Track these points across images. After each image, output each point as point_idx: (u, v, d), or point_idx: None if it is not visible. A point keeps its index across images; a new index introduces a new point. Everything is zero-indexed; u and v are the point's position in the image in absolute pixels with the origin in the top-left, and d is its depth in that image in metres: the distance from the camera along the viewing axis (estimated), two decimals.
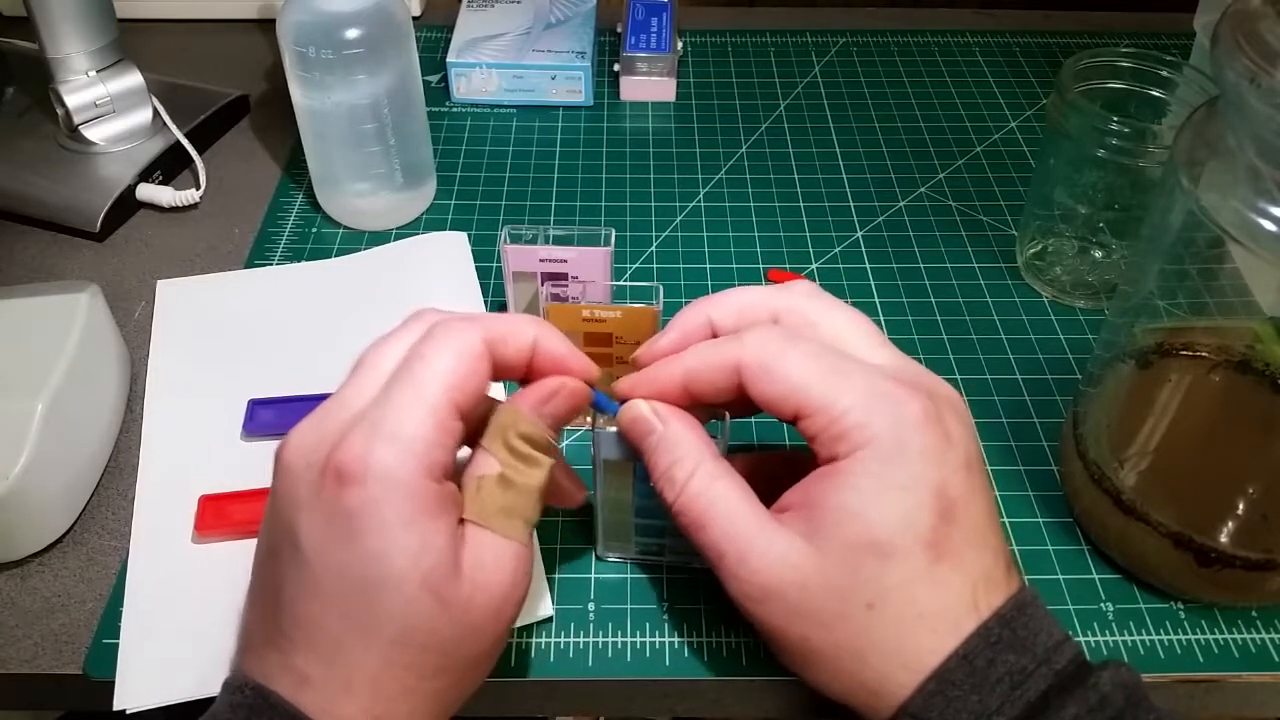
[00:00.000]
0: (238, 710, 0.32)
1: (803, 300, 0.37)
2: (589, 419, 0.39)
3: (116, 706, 0.40)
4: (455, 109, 0.74)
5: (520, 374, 0.37)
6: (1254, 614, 0.44)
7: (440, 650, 0.32)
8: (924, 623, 0.32)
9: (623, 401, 0.38)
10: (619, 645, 0.43)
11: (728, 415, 0.38)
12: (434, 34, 0.81)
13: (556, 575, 0.45)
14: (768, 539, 0.33)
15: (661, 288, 0.45)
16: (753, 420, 0.51)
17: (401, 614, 0.31)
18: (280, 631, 0.32)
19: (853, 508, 0.32)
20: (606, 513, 0.43)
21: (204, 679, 0.40)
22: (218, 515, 0.45)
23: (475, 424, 0.36)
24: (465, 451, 0.36)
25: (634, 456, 0.38)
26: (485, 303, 0.57)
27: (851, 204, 0.66)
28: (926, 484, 0.32)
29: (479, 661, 0.34)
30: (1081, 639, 0.43)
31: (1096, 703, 0.31)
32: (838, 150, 0.70)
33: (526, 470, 0.35)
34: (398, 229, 0.63)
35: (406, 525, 0.31)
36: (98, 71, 0.64)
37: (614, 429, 0.39)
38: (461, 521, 0.34)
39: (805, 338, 0.35)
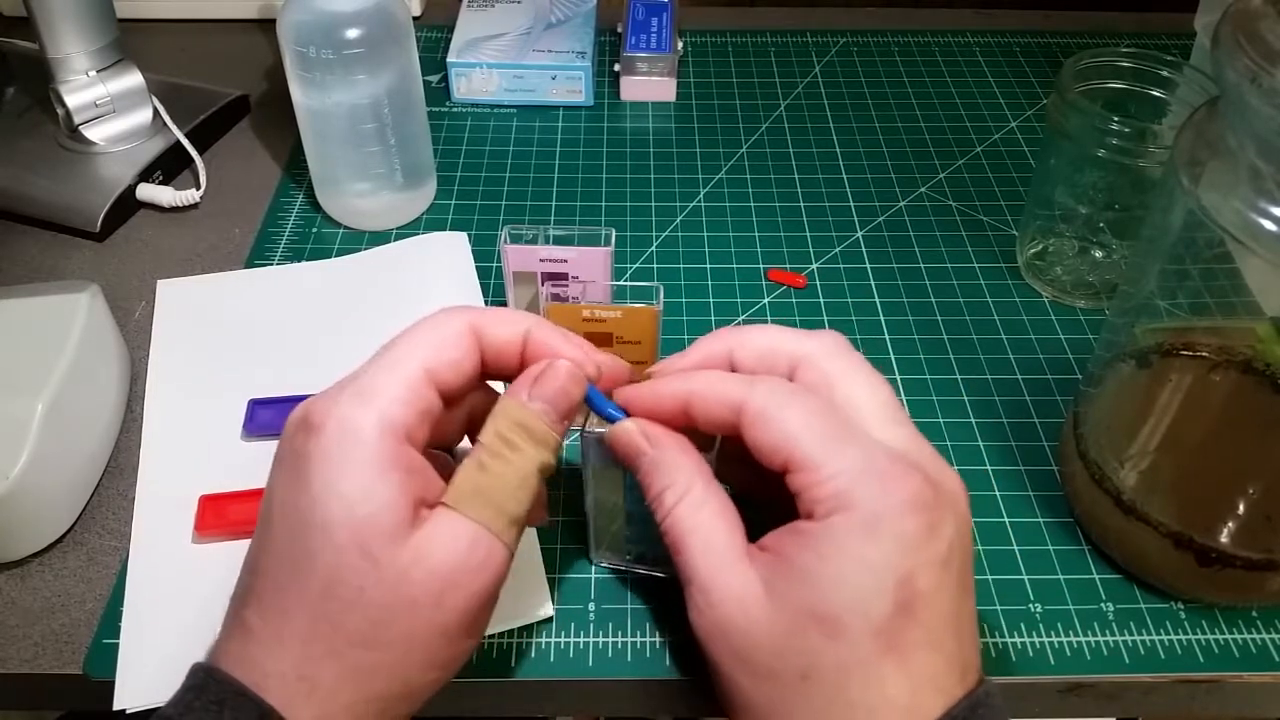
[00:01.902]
0: (186, 693, 0.32)
1: (826, 356, 0.36)
2: (582, 420, 0.39)
3: (116, 706, 0.40)
4: (455, 109, 0.74)
5: (515, 364, 0.37)
6: (1254, 614, 0.44)
7: (365, 614, 0.31)
8: (852, 713, 0.31)
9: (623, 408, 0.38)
10: (619, 645, 0.43)
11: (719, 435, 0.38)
12: (434, 34, 0.81)
13: (556, 575, 0.45)
14: (731, 576, 0.33)
15: (662, 288, 0.45)
16: None
17: (329, 562, 0.31)
18: (243, 585, 0.33)
19: (812, 572, 0.31)
20: (597, 518, 0.43)
21: None
22: (218, 515, 0.45)
23: (470, 417, 0.37)
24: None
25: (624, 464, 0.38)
26: (485, 303, 0.57)
27: (852, 204, 0.66)
28: (893, 570, 0.31)
29: (415, 646, 0.32)
30: (1082, 639, 0.43)
31: None
32: (838, 150, 0.70)
33: (507, 455, 0.34)
34: (398, 229, 0.63)
35: (351, 471, 0.32)
36: (98, 71, 0.64)
37: (603, 432, 0.39)
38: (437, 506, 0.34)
39: (815, 396, 0.34)
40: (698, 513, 0.34)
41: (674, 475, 0.35)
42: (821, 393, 0.35)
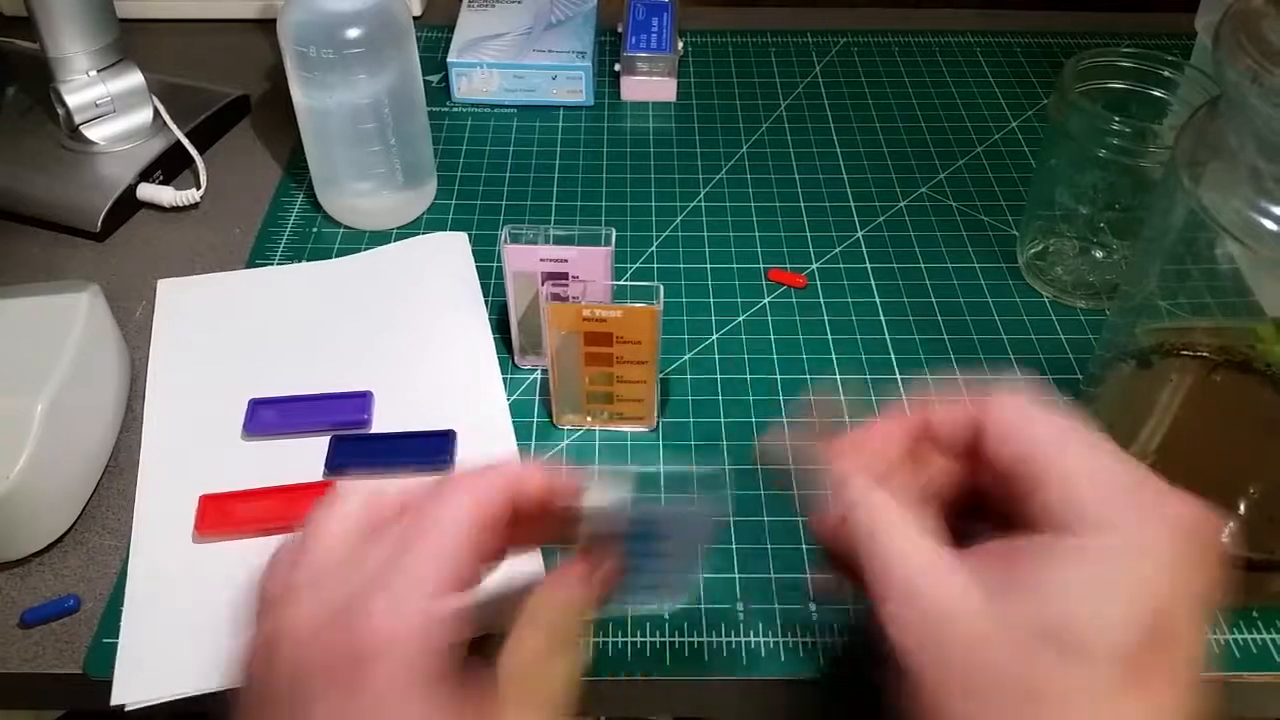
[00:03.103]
0: None
1: (1019, 405, 0.32)
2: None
3: (114, 701, 0.40)
4: (456, 109, 0.74)
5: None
6: (1255, 614, 0.44)
7: None
8: None
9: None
10: (619, 645, 0.43)
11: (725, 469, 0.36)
12: (435, 34, 0.81)
13: None
14: (943, 580, 0.29)
15: (662, 287, 0.45)
16: None
17: None
18: None
19: (1052, 586, 0.28)
20: None
21: (202, 676, 0.40)
22: (218, 515, 0.45)
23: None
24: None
25: (621, 527, 0.35)
26: (486, 302, 0.57)
27: (852, 204, 0.66)
28: (1149, 599, 0.28)
29: None
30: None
31: None
32: (838, 150, 0.70)
33: (569, 648, 0.32)
34: (398, 229, 0.63)
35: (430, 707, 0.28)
36: (98, 71, 0.64)
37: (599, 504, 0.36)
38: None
39: (1054, 410, 0.31)
40: (887, 511, 0.31)
41: (848, 478, 0.32)
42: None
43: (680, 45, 0.76)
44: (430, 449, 0.49)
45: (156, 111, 0.67)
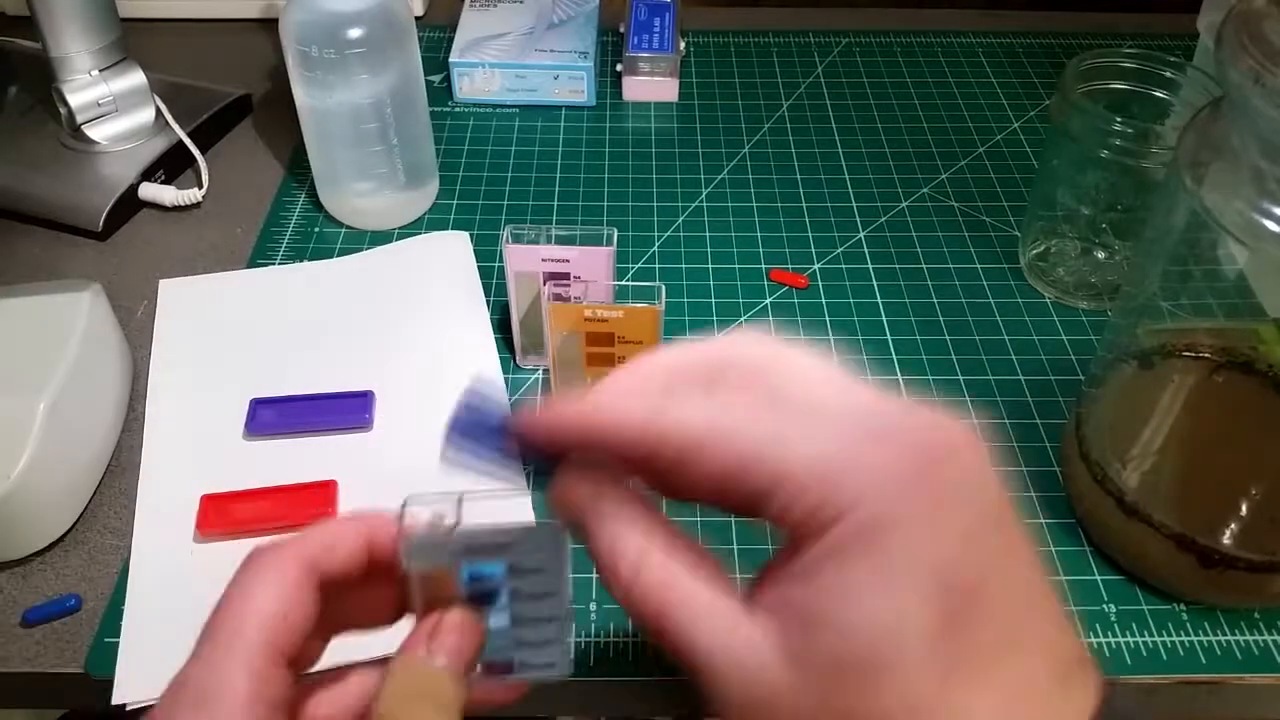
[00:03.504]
0: None
1: (745, 349, 0.27)
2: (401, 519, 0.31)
3: (115, 700, 0.40)
4: (458, 109, 0.74)
5: (358, 577, 0.31)
6: (1256, 615, 0.44)
7: None
8: None
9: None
10: (619, 645, 0.43)
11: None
12: (437, 33, 0.81)
13: None
14: (741, 646, 0.25)
15: (664, 288, 0.45)
16: None
17: None
18: None
19: (823, 611, 0.24)
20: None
21: None
22: (219, 515, 0.45)
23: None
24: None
25: (456, 556, 0.30)
26: (487, 302, 0.57)
27: (854, 204, 0.66)
28: (921, 569, 0.23)
29: None
30: (1084, 640, 0.43)
31: None
32: (840, 150, 0.70)
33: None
34: (400, 229, 0.63)
35: None
36: (100, 71, 0.64)
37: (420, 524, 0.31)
38: None
39: (748, 393, 0.26)
40: (675, 582, 0.26)
41: (622, 535, 0.27)
42: (756, 387, 0.26)
43: (682, 45, 0.76)
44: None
45: (158, 111, 0.67)
